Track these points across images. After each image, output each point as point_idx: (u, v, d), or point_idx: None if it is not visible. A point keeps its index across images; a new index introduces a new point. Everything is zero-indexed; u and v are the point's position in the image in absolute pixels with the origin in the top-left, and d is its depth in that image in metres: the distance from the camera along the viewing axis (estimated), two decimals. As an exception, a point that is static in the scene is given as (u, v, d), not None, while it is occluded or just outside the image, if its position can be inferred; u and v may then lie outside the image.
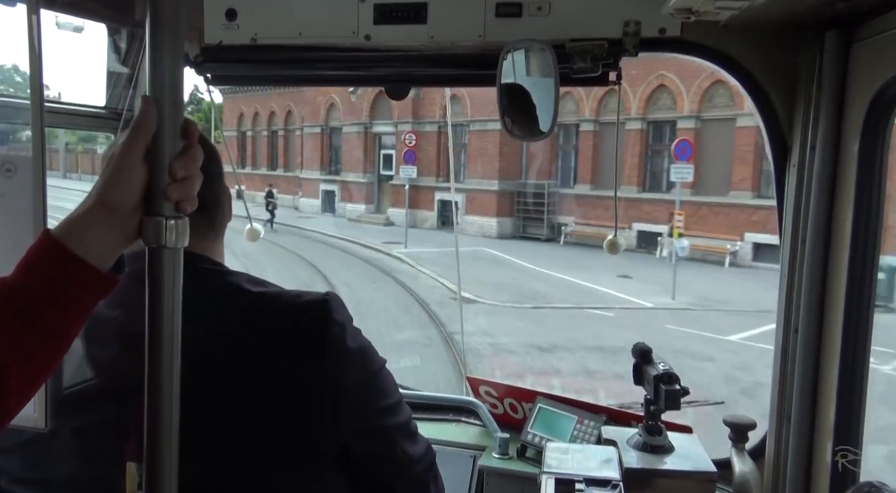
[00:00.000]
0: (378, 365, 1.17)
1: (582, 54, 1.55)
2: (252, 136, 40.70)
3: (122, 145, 0.83)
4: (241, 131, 40.80)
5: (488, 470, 2.08)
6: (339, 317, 1.11)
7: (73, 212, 0.84)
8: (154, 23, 0.81)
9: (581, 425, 2.06)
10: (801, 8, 1.40)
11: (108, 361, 1.10)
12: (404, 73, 1.82)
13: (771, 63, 1.61)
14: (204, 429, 1.01)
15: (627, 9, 1.53)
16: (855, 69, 1.46)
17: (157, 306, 0.83)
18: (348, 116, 31.46)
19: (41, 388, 1.14)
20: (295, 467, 1.07)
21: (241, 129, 40.80)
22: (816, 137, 1.52)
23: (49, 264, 0.82)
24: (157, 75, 0.82)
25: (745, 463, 1.73)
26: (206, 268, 1.15)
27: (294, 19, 1.65)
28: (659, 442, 1.66)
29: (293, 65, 1.82)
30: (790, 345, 1.62)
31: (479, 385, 2.29)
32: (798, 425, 1.60)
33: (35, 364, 0.83)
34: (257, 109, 39.35)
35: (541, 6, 1.55)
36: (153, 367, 0.83)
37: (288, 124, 37.49)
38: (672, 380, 1.61)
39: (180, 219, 0.84)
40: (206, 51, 1.72)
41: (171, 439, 0.84)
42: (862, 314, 1.48)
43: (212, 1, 1.65)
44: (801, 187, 1.57)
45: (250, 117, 40.38)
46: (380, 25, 1.61)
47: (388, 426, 1.18)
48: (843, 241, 1.49)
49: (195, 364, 0.94)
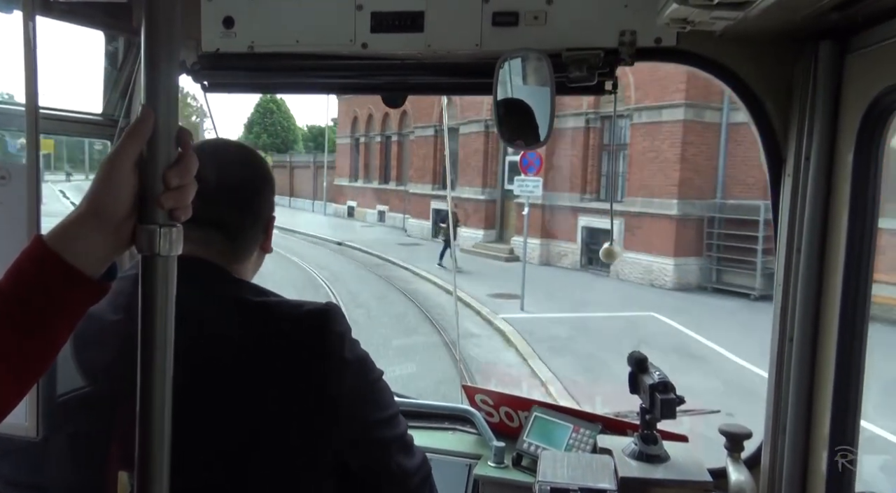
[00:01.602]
0: (375, 376, 1.17)
1: (578, 63, 1.56)
2: (365, 142, 35.20)
3: (113, 153, 0.83)
4: (354, 138, 35.76)
5: (483, 479, 2.07)
6: (338, 327, 1.11)
7: (66, 218, 0.84)
8: (150, 30, 0.81)
9: (577, 433, 2.05)
10: (796, 18, 1.41)
11: (105, 366, 1.09)
12: (401, 82, 1.82)
13: (766, 73, 1.62)
14: (200, 437, 1.00)
15: (623, 18, 1.54)
16: (850, 79, 1.47)
17: (150, 314, 0.83)
18: (467, 110, 23.93)
19: (33, 397, 1.14)
20: (290, 476, 1.07)
21: (354, 135, 35.81)
22: (811, 146, 1.53)
23: (39, 270, 0.81)
24: (153, 83, 0.82)
25: (740, 472, 1.72)
26: (210, 275, 1.15)
27: (291, 27, 1.65)
28: (654, 451, 1.66)
29: (290, 73, 1.83)
30: (785, 354, 1.62)
31: (474, 394, 2.29)
32: (794, 434, 1.60)
33: (23, 369, 0.83)
34: (371, 110, 33.38)
35: (537, 15, 1.56)
36: (145, 374, 0.83)
37: (402, 128, 30.99)
38: (668, 389, 1.61)
39: (174, 227, 0.84)
40: (203, 58, 1.72)
41: (162, 447, 0.84)
42: (857, 323, 1.48)
43: (209, 9, 1.65)
44: (797, 197, 1.58)
45: (364, 121, 34.98)
46: (376, 34, 1.62)
47: (383, 439, 1.17)
48: (838, 250, 1.49)
49: (195, 371, 0.94)
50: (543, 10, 1.56)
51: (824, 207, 1.53)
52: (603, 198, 19.84)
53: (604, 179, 19.82)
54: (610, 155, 19.19)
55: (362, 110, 34.46)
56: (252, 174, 1.25)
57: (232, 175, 1.20)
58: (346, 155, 36.60)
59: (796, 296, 1.58)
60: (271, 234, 1.28)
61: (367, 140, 34.90)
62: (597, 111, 19.30)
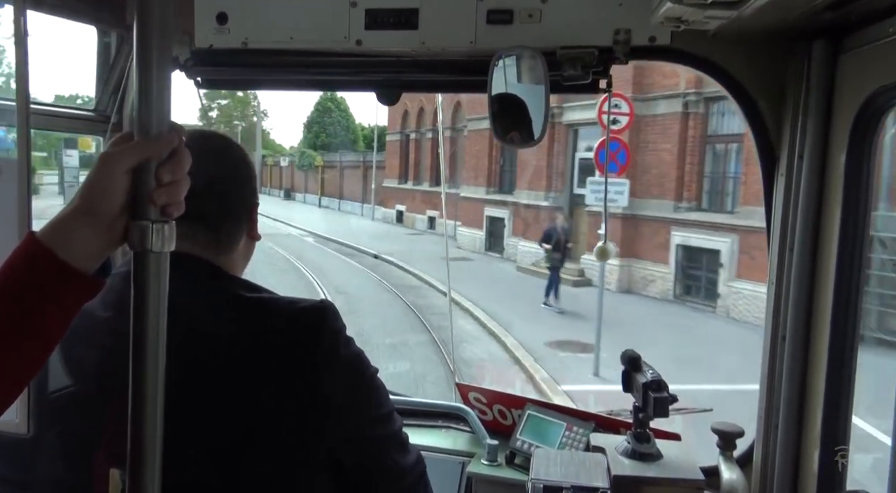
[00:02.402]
0: (370, 373, 1.17)
1: (572, 62, 1.56)
2: (416, 139, 30.36)
3: (115, 153, 0.82)
4: (404, 134, 30.88)
5: (477, 477, 2.07)
6: (333, 324, 1.11)
7: (59, 214, 0.83)
8: (142, 26, 0.81)
9: (570, 432, 2.05)
10: (790, 18, 1.42)
11: (95, 363, 1.09)
12: (395, 79, 1.82)
13: (759, 72, 1.63)
14: (193, 434, 1.00)
15: (618, 17, 1.54)
16: (843, 79, 1.47)
17: (141, 310, 0.83)
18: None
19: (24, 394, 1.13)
20: (284, 473, 1.07)
21: (405, 130, 30.95)
22: (804, 146, 1.53)
23: (32, 267, 0.81)
24: (146, 78, 0.81)
25: (732, 471, 1.73)
26: (207, 274, 1.15)
27: (285, 24, 1.64)
28: (647, 450, 1.66)
29: (284, 69, 1.82)
30: (778, 353, 1.62)
31: (468, 392, 2.29)
32: (785, 432, 1.61)
33: (17, 367, 0.82)
34: (422, 102, 28.40)
35: (532, 13, 1.56)
36: (137, 371, 0.82)
37: (456, 122, 25.93)
38: (661, 388, 1.61)
39: (167, 223, 0.83)
40: (196, 54, 1.71)
41: (154, 444, 0.83)
42: (849, 322, 1.49)
43: (203, 5, 1.64)
44: (789, 196, 1.58)
45: (414, 115, 30.12)
46: (371, 30, 1.61)
47: (378, 436, 1.17)
48: (830, 249, 1.50)
49: (188, 368, 0.93)
50: (538, 7, 1.56)
51: (817, 205, 1.54)
52: (706, 207, 14.95)
53: (707, 182, 15.03)
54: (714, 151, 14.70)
55: (413, 104, 29.08)
56: (229, 163, 1.24)
57: (208, 166, 1.18)
58: (395, 154, 32.00)
59: (789, 294, 1.59)
60: (256, 220, 1.28)
61: (417, 136, 29.99)
62: (699, 92, 14.43)
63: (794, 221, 1.57)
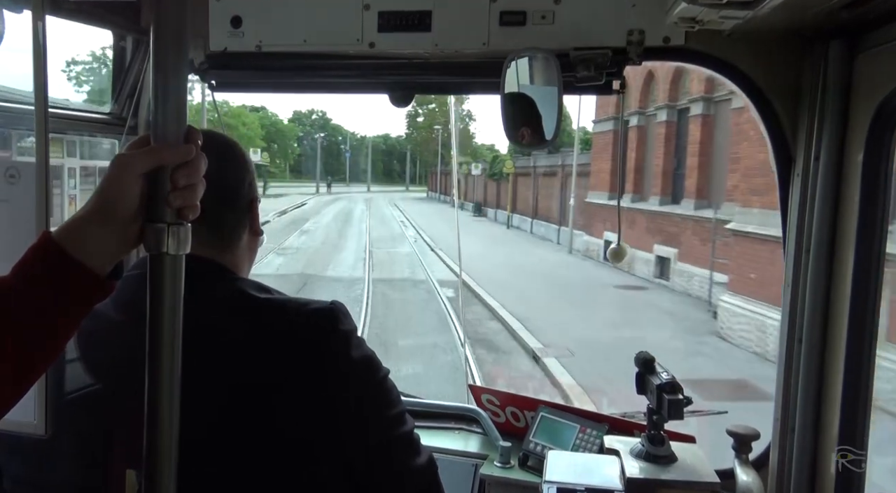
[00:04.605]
0: (381, 375, 1.17)
1: (586, 63, 1.55)
2: (640, 125, 18.94)
3: (129, 157, 0.83)
4: (623, 121, 19.84)
5: (490, 479, 2.07)
6: (343, 326, 1.11)
7: (75, 215, 0.84)
8: (158, 30, 0.82)
9: (583, 434, 2.04)
10: (806, 17, 1.40)
11: (110, 365, 1.10)
12: (408, 81, 1.82)
13: (775, 72, 1.61)
14: (206, 435, 1.01)
15: (631, 18, 1.53)
16: (859, 79, 1.46)
17: (157, 312, 0.83)
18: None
19: (42, 395, 1.14)
20: (295, 475, 1.07)
21: (622, 115, 18.31)
22: (821, 146, 1.52)
23: (45, 265, 0.82)
24: (161, 82, 0.82)
25: (748, 474, 1.71)
26: (214, 274, 1.15)
27: (299, 27, 1.65)
28: (661, 452, 1.65)
29: (298, 72, 1.83)
30: (794, 355, 1.61)
31: (481, 393, 2.28)
32: (802, 435, 1.59)
33: (26, 364, 0.83)
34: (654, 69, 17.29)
35: (545, 15, 1.56)
36: (153, 373, 0.83)
37: (714, 90, 15.14)
38: (675, 389, 1.60)
39: (182, 226, 0.84)
40: (210, 58, 1.72)
41: (170, 445, 0.84)
42: (866, 325, 1.47)
43: (217, 8, 1.65)
44: (806, 197, 1.57)
45: (637, 88, 18.30)
46: (384, 33, 1.62)
47: (389, 438, 1.17)
48: (847, 250, 1.48)
49: (199, 369, 0.94)
50: (551, 9, 1.55)
51: (834, 207, 1.52)
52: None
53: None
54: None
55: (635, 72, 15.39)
56: (225, 161, 1.24)
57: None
58: (605, 153, 21.18)
59: (805, 297, 1.57)
60: (257, 214, 1.27)
61: (643, 122, 18.89)
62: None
63: (810, 223, 1.55)
